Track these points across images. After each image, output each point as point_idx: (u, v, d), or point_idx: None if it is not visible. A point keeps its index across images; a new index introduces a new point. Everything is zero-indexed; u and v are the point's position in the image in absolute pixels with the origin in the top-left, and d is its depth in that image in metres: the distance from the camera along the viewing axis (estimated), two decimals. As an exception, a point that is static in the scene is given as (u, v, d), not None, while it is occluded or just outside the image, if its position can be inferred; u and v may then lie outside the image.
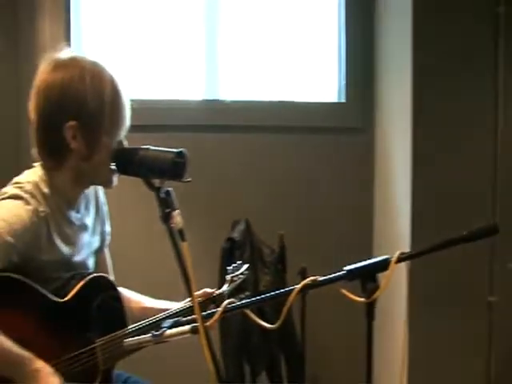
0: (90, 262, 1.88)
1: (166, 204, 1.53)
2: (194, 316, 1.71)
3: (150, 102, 3.14)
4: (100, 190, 1.93)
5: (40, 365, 1.51)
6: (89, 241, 1.86)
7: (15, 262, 1.55)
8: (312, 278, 1.61)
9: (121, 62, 3.26)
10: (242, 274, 2.16)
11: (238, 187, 3.20)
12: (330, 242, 3.25)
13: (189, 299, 2.02)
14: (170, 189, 1.55)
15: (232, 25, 3.41)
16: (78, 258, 1.79)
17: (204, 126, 3.20)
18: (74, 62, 1.69)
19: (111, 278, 1.90)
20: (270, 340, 2.94)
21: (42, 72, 1.70)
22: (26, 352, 1.49)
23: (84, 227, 1.82)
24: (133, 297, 2.04)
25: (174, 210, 1.53)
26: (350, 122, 3.28)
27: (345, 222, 3.27)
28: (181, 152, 1.58)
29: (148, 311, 1.97)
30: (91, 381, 1.67)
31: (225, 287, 2.08)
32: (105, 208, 1.96)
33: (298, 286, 1.59)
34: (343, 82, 3.30)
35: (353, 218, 3.28)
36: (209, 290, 2.02)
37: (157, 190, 1.55)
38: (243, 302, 1.68)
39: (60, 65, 1.68)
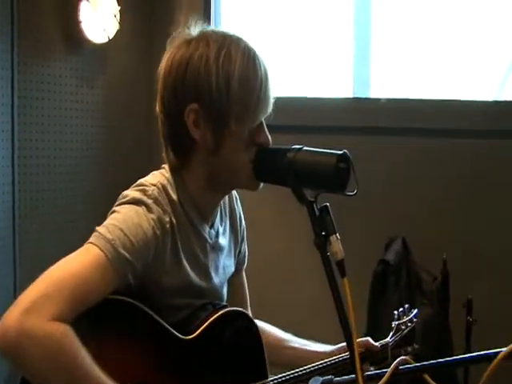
0: (225, 290, 1.53)
1: (321, 225, 1.13)
2: (352, 376, 1.31)
3: (290, 100, 2.90)
4: (236, 199, 1.58)
5: None
6: (224, 264, 1.50)
7: (131, 283, 1.23)
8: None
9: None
10: (410, 321, 1.73)
11: (393, 199, 2.81)
12: (500, 268, 2.72)
13: (343, 345, 1.61)
14: (327, 204, 1.15)
15: (384, 15, 3.11)
16: (209, 285, 1.44)
17: (352, 127, 2.90)
18: (200, 36, 1.37)
19: (249, 311, 1.56)
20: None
21: (166, 53, 1.40)
22: None
23: (219, 247, 1.47)
24: (272, 332, 1.68)
25: (333, 233, 1.12)
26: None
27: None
28: (344, 154, 1.16)
29: (292, 352, 1.65)
30: None
31: (389, 337, 1.68)
32: (243, 222, 1.59)
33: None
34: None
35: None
36: (371, 341, 1.62)
37: (310, 204, 1.16)
38: (422, 363, 1.24)
39: (185, 42, 1.38)
